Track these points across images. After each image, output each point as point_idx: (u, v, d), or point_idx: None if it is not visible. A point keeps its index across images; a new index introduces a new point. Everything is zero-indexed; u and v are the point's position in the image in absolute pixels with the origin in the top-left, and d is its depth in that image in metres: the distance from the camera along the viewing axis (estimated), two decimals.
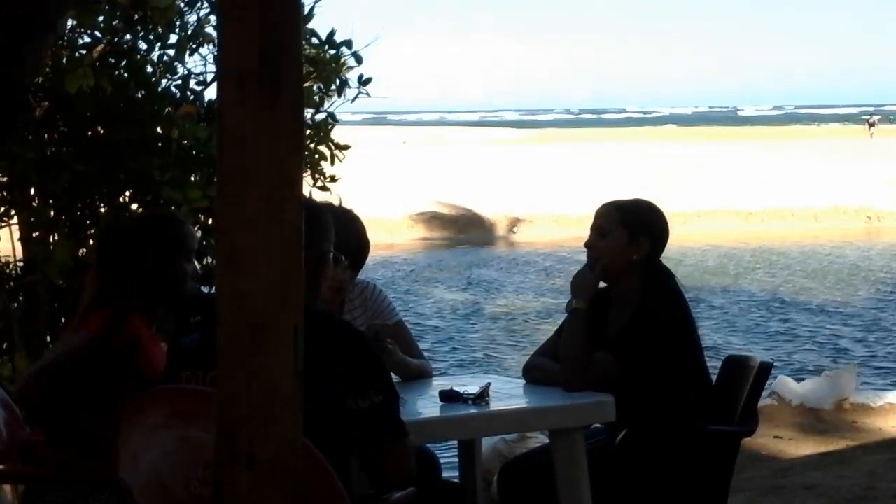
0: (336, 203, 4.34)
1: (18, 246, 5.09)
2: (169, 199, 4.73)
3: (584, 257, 4.27)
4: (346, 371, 2.90)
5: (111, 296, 3.58)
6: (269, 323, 2.10)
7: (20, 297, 5.09)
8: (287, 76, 2.08)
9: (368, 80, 5.38)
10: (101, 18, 4.88)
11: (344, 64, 5.32)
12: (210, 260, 4.82)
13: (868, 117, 75.47)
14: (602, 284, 4.27)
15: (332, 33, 5.29)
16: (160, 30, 4.90)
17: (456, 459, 4.58)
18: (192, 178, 4.90)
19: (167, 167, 4.79)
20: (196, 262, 3.77)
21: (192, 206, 4.72)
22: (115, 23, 4.92)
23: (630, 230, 4.16)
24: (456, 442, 4.60)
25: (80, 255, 4.84)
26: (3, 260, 5.17)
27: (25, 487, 3.71)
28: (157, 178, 4.73)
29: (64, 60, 4.79)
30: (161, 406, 2.87)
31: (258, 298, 2.09)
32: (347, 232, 4.07)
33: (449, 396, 3.81)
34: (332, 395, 2.86)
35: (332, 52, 5.30)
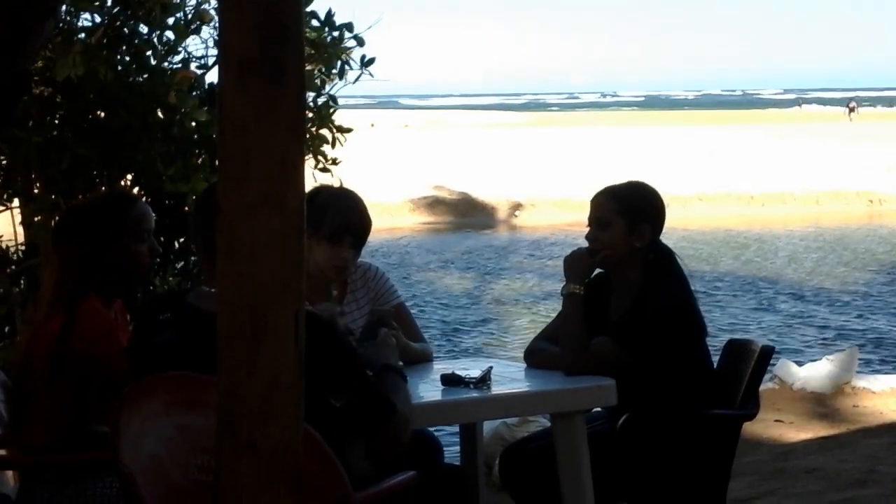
0: (336, 185, 4.34)
1: (20, 230, 5.09)
2: (174, 191, 4.73)
3: (586, 241, 4.27)
4: (320, 368, 2.88)
5: (65, 281, 3.60)
6: (270, 309, 2.10)
7: (22, 282, 5.10)
8: (288, 62, 2.08)
9: (371, 61, 5.34)
10: (97, 3, 4.86)
11: (345, 48, 5.30)
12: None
13: (849, 103, 75.32)
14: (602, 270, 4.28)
15: (329, 14, 5.27)
16: (156, 13, 4.87)
17: (457, 443, 4.58)
18: (198, 162, 4.89)
19: (169, 156, 4.78)
20: (154, 242, 3.76)
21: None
22: (113, 7, 4.91)
23: (629, 219, 4.15)
24: (457, 426, 4.61)
25: None
26: (4, 244, 5.17)
27: (23, 474, 3.72)
28: (160, 170, 4.72)
29: (59, 41, 4.78)
30: (160, 394, 2.87)
31: (259, 285, 2.09)
32: (349, 211, 4.07)
33: (450, 380, 3.81)
34: (312, 384, 2.83)
35: (334, 34, 5.28)
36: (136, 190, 4.97)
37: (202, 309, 2.96)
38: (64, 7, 4.63)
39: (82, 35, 4.90)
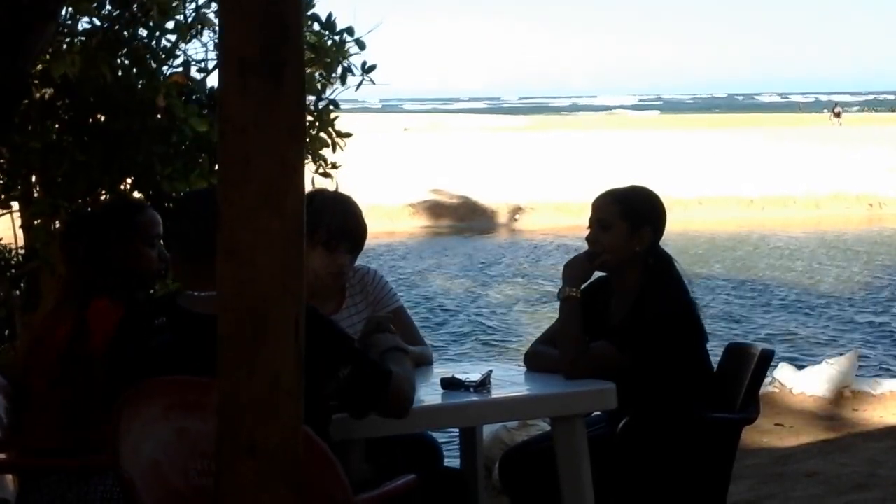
0: (331, 188, 4.33)
1: (20, 233, 5.09)
2: (172, 191, 4.72)
3: (586, 245, 4.27)
4: (316, 358, 2.89)
5: (73, 285, 3.61)
6: (270, 312, 2.10)
7: (22, 285, 5.10)
8: (289, 63, 2.08)
9: (373, 68, 5.34)
10: (95, 5, 4.86)
11: (346, 51, 5.30)
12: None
13: (834, 107, 74.78)
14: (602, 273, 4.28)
15: (330, 17, 5.27)
16: (154, 13, 4.86)
17: (457, 447, 4.58)
18: (198, 162, 4.89)
19: (168, 158, 4.78)
20: (163, 248, 3.77)
21: None
22: (112, 12, 4.91)
23: (631, 222, 4.15)
24: (457, 429, 4.60)
25: None
26: (4, 247, 5.17)
27: (22, 477, 3.72)
28: (158, 170, 4.72)
29: (63, 47, 4.78)
30: (159, 398, 2.87)
31: (259, 288, 2.09)
32: (345, 216, 4.06)
33: (450, 384, 3.81)
34: (311, 385, 2.84)
35: (335, 38, 5.27)
36: (136, 194, 4.97)
37: (196, 312, 2.97)
38: (64, 11, 4.63)
39: (83, 38, 4.90)
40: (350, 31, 5.31)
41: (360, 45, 5.31)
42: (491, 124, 74.38)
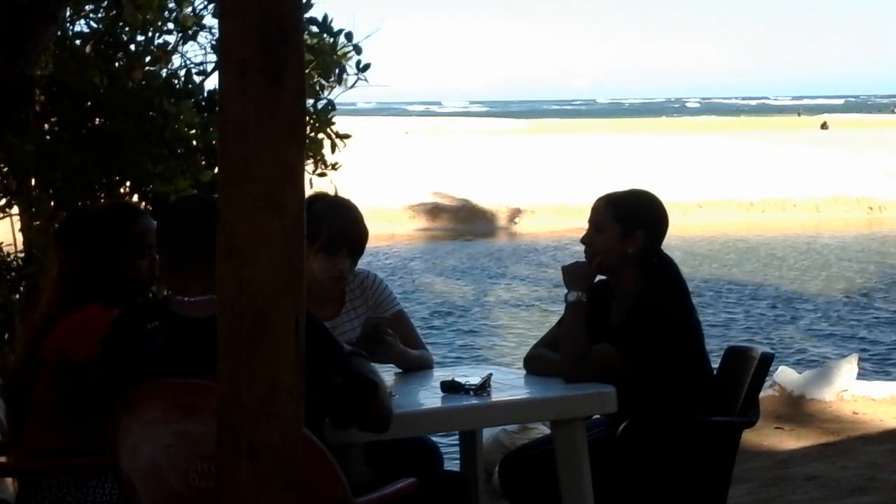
0: (332, 192, 4.32)
1: (19, 237, 5.09)
2: (159, 191, 4.71)
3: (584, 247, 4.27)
4: (311, 361, 2.88)
5: (65, 288, 3.61)
6: (270, 314, 2.10)
7: (21, 288, 5.09)
8: (289, 66, 2.08)
9: (367, 67, 5.35)
10: (89, 7, 4.86)
11: (344, 54, 5.30)
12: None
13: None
14: (603, 276, 4.28)
15: (326, 19, 5.27)
16: (141, 18, 4.85)
17: (457, 450, 4.58)
18: (189, 163, 4.88)
19: (161, 158, 4.77)
20: (155, 258, 3.75)
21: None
22: (107, 13, 4.90)
23: (623, 224, 4.15)
24: (457, 433, 4.60)
25: None
26: (4, 250, 5.17)
27: (23, 479, 3.72)
28: (150, 168, 4.71)
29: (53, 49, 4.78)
30: (158, 400, 2.86)
31: (259, 288, 2.09)
32: (346, 221, 4.05)
33: (450, 387, 3.81)
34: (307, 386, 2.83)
35: (331, 39, 5.28)
36: (135, 198, 4.97)
37: (189, 316, 2.97)
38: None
39: (78, 42, 4.89)
40: (349, 35, 5.31)
41: (357, 49, 5.32)
42: (491, 127, 74.31)
